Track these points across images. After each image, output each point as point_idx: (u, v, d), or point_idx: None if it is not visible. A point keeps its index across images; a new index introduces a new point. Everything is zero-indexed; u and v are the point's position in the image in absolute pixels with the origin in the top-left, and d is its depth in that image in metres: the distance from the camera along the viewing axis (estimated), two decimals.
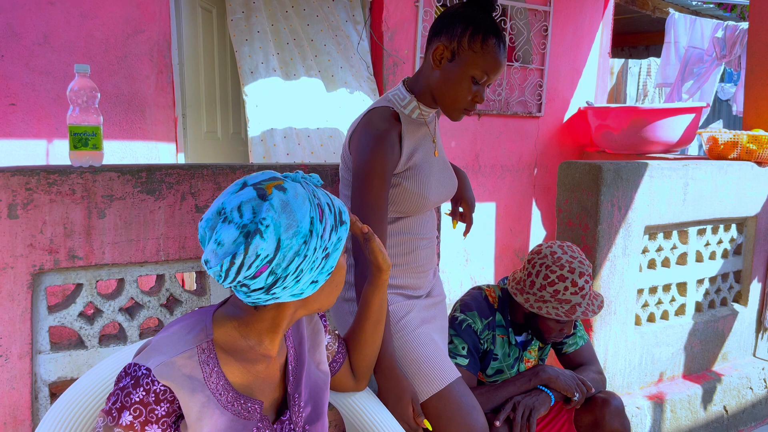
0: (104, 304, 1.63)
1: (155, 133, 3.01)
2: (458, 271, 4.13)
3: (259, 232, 0.87)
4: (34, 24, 2.66)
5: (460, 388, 1.55)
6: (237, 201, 0.90)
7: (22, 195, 1.46)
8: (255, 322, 1.01)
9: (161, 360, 0.92)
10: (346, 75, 3.44)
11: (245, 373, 1.01)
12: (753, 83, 3.40)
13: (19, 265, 1.48)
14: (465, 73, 1.47)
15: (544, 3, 4.22)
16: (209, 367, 0.96)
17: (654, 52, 7.63)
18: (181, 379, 0.92)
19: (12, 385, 1.50)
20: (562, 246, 1.77)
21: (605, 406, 1.78)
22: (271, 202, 0.89)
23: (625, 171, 2.42)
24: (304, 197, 0.93)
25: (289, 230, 0.89)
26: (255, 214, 0.88)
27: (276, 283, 0.91)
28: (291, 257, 0.90)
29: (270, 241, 0.88)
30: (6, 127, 2.66)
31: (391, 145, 1.50)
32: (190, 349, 0.95)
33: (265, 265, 0.89)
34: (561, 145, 4.55)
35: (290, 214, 0.90)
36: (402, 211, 1.58)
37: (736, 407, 2.92)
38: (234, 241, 0.88)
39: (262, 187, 0.91)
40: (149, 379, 0.90)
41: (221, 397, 0.97)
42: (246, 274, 0.89)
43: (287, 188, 0.92)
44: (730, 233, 2.98)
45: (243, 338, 1.01)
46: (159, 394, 0.90)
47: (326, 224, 0.94)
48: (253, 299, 0.94)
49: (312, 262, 0.93)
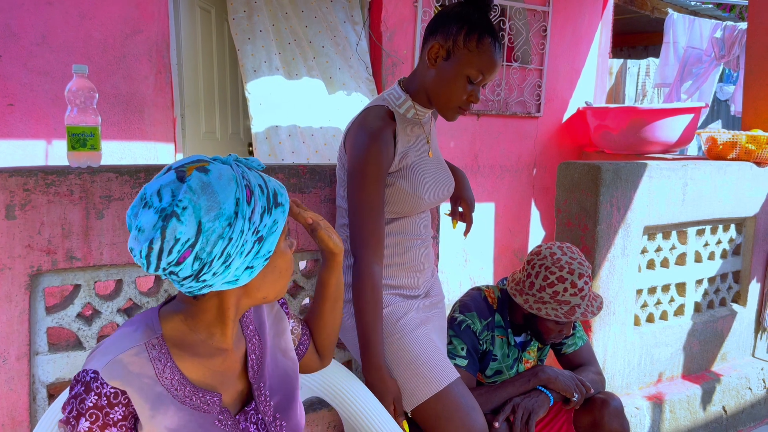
0: (102, 305, 1.63)
1: (154, 133, 3.01)
2: (457, 272, 4.13)
3: (176, 214, 0.84)
4: (32, 24, 2.66)
5: (458, 389, 1.55)
6: (157, 185, 0.87)
7: (20, 196, 1.46)
8: (199, 314, 0.98)
9: (106, 360, 0.90)
10: (344, 76, 3.43)
11: (201, 368, 0.98)
12: (751, 83, 3.40)
13: (17, 266, 1.47)
14: (460, 72, 1.46)
15: (543, 3, 4.22)
16: (161, 363, 0.93)
17: (653, 52, 7.63)
18: (130, 377, 0.90)
19: (10, 387, 1.50)
20: (562, 247, 1.77)
21: (604, 406, 1.78)
22: (189, 183, 0.86)
23: (624, 171, 2.42)
24: (230, 178, 0.88)
25: (210, 212, 0.85)
26: (174, 197, 0.85)
27: (203, 270, 0.87)
28: (215, 240, 0.86)
29: (189, 224, 0.84)
30: (4, 128, 2.65)
31: (386, 143, 1.50)
32: (137, 346, 0.92)
33: (188, 250, 0.85)
34: (560, 146, 4.55)
35: (211, 196, 0.86)
36: (397, 211, 1.58)
37: (735, 407, 2.92)
38: (153, 225, 0.85)
39: (183, 170, 0.88)
40: (98, 383, 0.88)
41: (177, 392, 0.94)
42: (169, 260, 0.85)
43: (210, 170, 0.88)
44: (729, 233, 2.98)
45: (192, 332, 0.98)
46: (111, 397, 0.88)
47: (255, 206, 0.90)
48: (187, 288, 0.91)
49: (241, 246, 0.89)
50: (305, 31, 3.37)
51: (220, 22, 3.56)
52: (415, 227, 1.64)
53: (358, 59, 3.52)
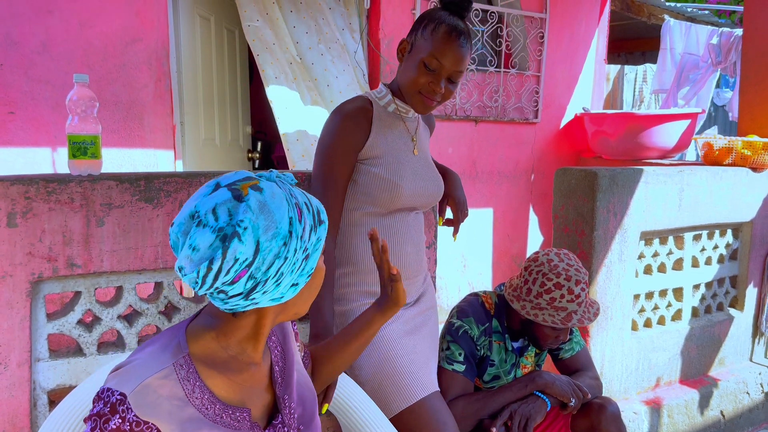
0: (103, 312, 1.64)
1: (153, 140, 3.02)
2: (456, 277, 4.14)
3: (237, 235, 0.83)
4: (32, 33, 2.68)
5: (433, 403, 1.54)
6: (211, 203, 0.85)
7: (21, 204, 1.47)
8: (234, 330, 0.96)
9: (135, 384, 0.87)
10: (341, 83, 3.45)
11: (231, 384, 0.97)
12: (747, 89, 3.43)
13: (18, 273, 1.49)
14: (418, 59, 1.52)
15: (540, 10, 4.25)
16: (190, 383, 0.91)
17: (650, 58, 7.66)
18: (159, 402, 0.88)
19: (11, 393, 1.51)
20: (559, 254, 1.78)
21: (601, 411, 1.79)
22: (248, 203, 0.85)
23: (621, 177, 2.43)
24: (282, 197, 0.89)
25: (267, 232, 0.85)
26: (231, 217, 0.84)
27: (255, 288, 0.87)
28: (271, 260, 0.86)
29: (249, 244, 0.84)
30: (5, 136, 2.67)
31: (358, 123, 1.56)
32: (166, 368, 0.90)
33: (244, 270, 0.85)
34: (558, 151, 4.57)
35: (269, 215, 0.86)
36: (376, 201, 1.58)
37: (733, 412, 2.93)
38: (210, 245, 0.83)
39: (237, 188, 0.87)
40: (125, 406, 0.86)
41: (208, 411, 0.93)
42: (224, 279, 0.85)
43: (263, 188, 0.88)
44: (726, 238, 2.99)
45: (223, 349, 0.97)
46: (134, 425, 0.86)
47: (305, 224, 0.90)
48: (231, 306, 0.90)
49: (292, 264, 0.89)
50: (304, 38, 3.39)
51: (219, 30, 3.58)
52: (406, 230, 1.64)
53: (356, 66, 3.54)
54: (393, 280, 1.23)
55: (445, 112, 3.91)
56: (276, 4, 3.27)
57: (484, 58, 4.08)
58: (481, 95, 4.07)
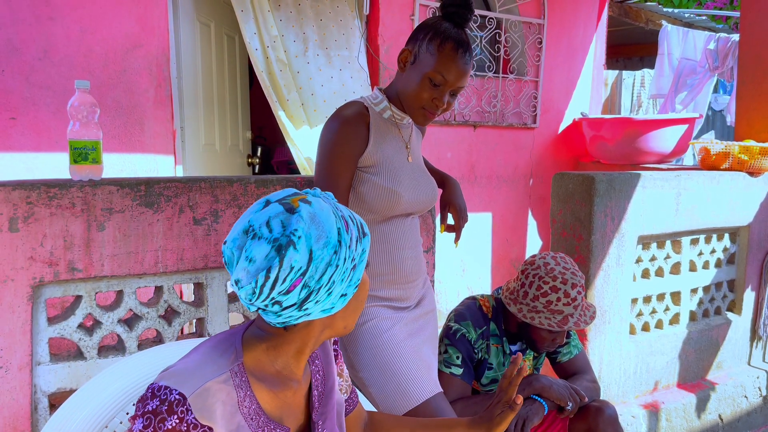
0: (103, 316, 1.65)
1: (154, 145, 3.04)
2: (455, 281, 4.15)
3: (293, 243, 0.87)
4: (34, 39, 2.70)
5: (437, 405, 1.55)
6: (265, 217, 0.89)
7: (22, 208, 1.49)
8: (284, 345, 0.98)
9: (196, 386, 0.89)
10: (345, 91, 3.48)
11: (274, 399, 0.99)
12: (744, 94, 3.45)
13: (20, 278, 1.50)
14: (422, 74, 1.53)
15: (539, 16, 4.28)
16: (242, 391, 0.94)
17: (648, 63, 7.69)
18: (216, 407, 0.90)
19: (12, 396, 1.52)
20: (556, 257, 1.80)
21: (599, 414, 1.80)
22: (300, 214, 0.89)
23: (618, 182, 2.45)
24: (329, 210, 0.93)
25: (319, 241, 0.89)
26: (285, 228, 0.88)
27: (309, 297, 0.90)
28: (323, 268, 0.89)
29: (303, 252, 0.87)
30: (6, 141, 2.68)
31: (357, 129, 1.57)
32: (224, 373, 0.92)
33: (299, 278, 0.88)
34: (556, 156, 4.59)
35: (319, 225, 0.89)
36: (375, 209, 1.59)
37: (731, 416, 2.94)
38: (266, 256, 0.87)
39: (288, 202, 0.91)
40: (184, 407, 0.86)
41: (253, 422, 0.94)
42: (280, 288, 0.87)
43: (312, 201, 0.92)
44: (723, 243, 3.01)
45: (271, 363, 0.99)
46: (191, 427, 0.87)
47: (352, 234, 0.94)
48: (284, 318, 0.92)
49: (342, 273, 0.92)
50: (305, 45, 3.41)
51: (219, 36, 3.60)
52: (403, 235, 1.66)
53: (359, 70, 3.56)
54: (510, 408, 1.17)
55: (444, 117, 3.93)
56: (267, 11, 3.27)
57: (483, 64, 4.10)
58: (480, 100, 4.10)
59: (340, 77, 3.50)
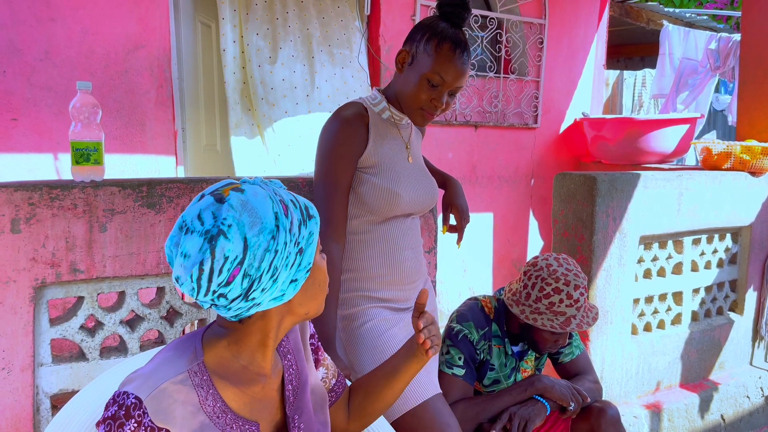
0: (105, 317, 1.65)
1: (155, 146, 3.04)
2: (456, 282, 4.15)
3: (222, 233, 0.85)
4: (35, 40, 2.70)
5: (435, 406, 1.54)
6: (196, 210, 0.89)
7: (24, 210, 1.49)
8: (244, 338, 0.97)
9: (152, 388, 0.88)
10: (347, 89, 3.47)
11: (241, 395, 0.98)
12: (746, 94, 3.44)
13: (22, 279, 1.50)
14: (420, 74, 1.52)
15: (540, 16, 4.28)
16: (204, 390, 0.93)
17: (649, 63, 7.69)
18: (174, 407, 0.89)
19: (14, 398, 1.52)
20: (558, 258, 1.80)
21: (601, 415, 1.80)
22: (230, 202, 0.88)
23: (620, 182, 2.45)
24: (264, 195, 0.91)
25: (253, 227, 0.87)
26: (216, 218, 0.87)
27: (252, 286, 0.88)
28: (261, 255, 0.88)
29: (236, 241, 0.86)
30: (8, 142, 2.68)
31: (356, 129, 1.56)
32: (181, 373, 0.91)
33: (237, 268, 0.86)
34: (557, 156, 4.59)
35: (252, 212, 0.88)
36: (374, 210, 1.59)
37: (734, 416, 2.93)
38: (199, 249, 0.86)
39: (219, 193, 0.90)
40: (140, 411, 0.86)
41: (219, 420, 0.94)
42: (219, 280, 0.86)
43: (245, 189, 0.91)
44: (725, 243, 3.00)
45: (235, 359, 0.98)
46: (149, 430, 0.86)
47: (292, 218, 0.92)
48: (235, 311, 0.91)
49: (285, 258, 0.91)
50: (304, 45, 3.41)
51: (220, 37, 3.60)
52: (403, 235, 1.65)
53: (358, 71, 3.57)
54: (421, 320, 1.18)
55: (445, 118, 3.93)
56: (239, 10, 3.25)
57: (484, 64, 4.10)
58: (481, 100, 4.09)
59: (342, 76, 3.50)
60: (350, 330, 1.62)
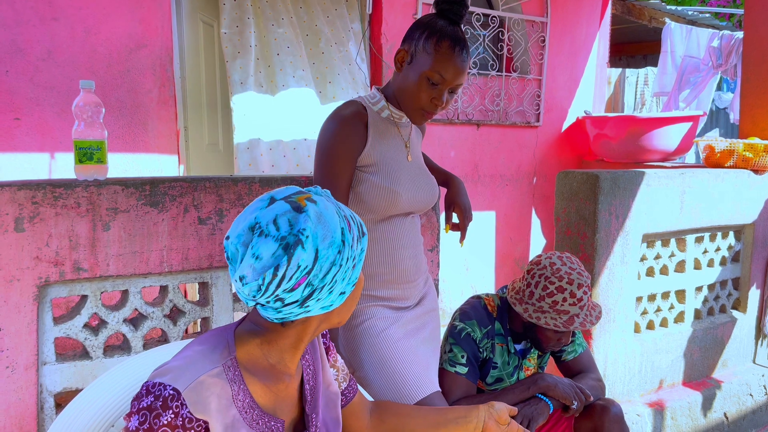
0: (109, 316, 1.65)
1: (158, 145, 3.05)
2: (459, 280, 4.15)
3: (301, 242, 0.87)
4: (38, 40, 2.71)
5: (432, 404, 1.53)
6: (272, 215, 0.90)
7: (28, 209, 1.49)
8: (278, 339, 0.99)
9: (190, 380, 0.89)
10: (339, 88, 3.47)
11: (268, 392, 1.00)
12: (748, 92, 3.44)
13: (26, 278, 1.50)
14: (420, 73, 1.51)
15: (542, 14, 4.27)
16: (236, 385, 0.95)
17: (651, 61, 7.68)
18: (211, 400, 0.90)
19: (18, 396, 1.52)
20: (561, 257, 1.79)
21: (604, 413, 1.80)
22: (308, 213, 0.90)
23: (622, 180, 2.45)
24: (333, 209, 0.93)
25: (325, 240, 0.90)
26: (292, 226, 0.88)
27: (312, 295, 0.91)
28: (328, 267, 0.90)
29: (310, 251, 0.88)
30: (11, 141, 2.69)
31: (355, 128, 1.56)
32: (217, 367, 0.93)
33: (304, 277, 0.88)
34: (559, 155, 4.58)
35: (325, 225, 0.90)
36: (373, 209, 1.58)
37: (737, 414, 2.93)
38: (273, 254, 0.87)
39: (294, 200, 0.92)
40: (178, 402, 0.87)
41: (247, 415, 0.95)
42: (285, 286, 0.88)
43: (317, 201, 0.93)
44: (728, 241, 3.00)
45: (265, 357, 0.99)
46: (186, 422, 0.87)
47: (354, 234, 0.95)
48: (284, 314, 0.93)
49: (344, 273, 0.93)
50: (303, 41, 3.41)
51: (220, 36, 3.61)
52: (402, 234, 1.64)
53: (358, 70, 3.57)
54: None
55: (447, 116, 3.93)
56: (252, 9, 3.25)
57: (486, 62, 4.10)
58: (483, 99, 4.09)
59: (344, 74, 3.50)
60: (349, 329, 1.62)
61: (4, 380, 1.50)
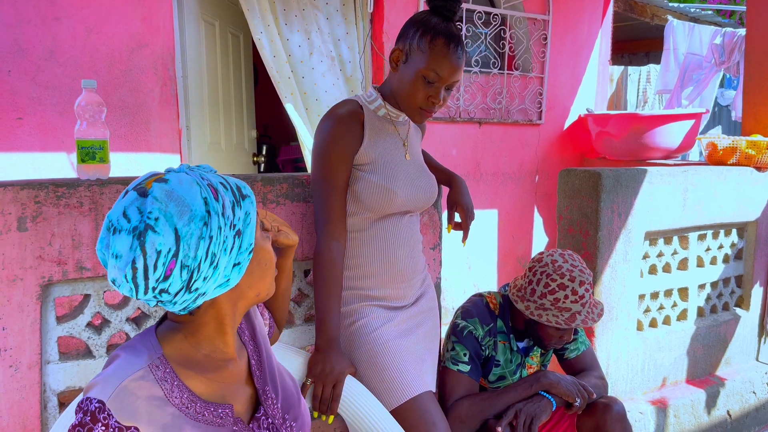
0: (111, 315, 1.66)
1: (160, 144, 3.05)
2: (461, 278, 4.15)
3: (150, 227, 0.82)
4: (40, 39, 2.71)
5: (422, 404, 1.53)
6: (120, 208, 0.85)
7: (31, 208, 1.49)
8: (199, 329, 0.96)
9: (111, 388, 0.86)
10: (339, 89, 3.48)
11: (210, 383, 0.97)
12: (751, 89, 3.43)
13: (29, 277, 1.51)
14: (415, 72, 1.51)
15: (543, 12, 4.26)
16: (168, 383, 0.91)
17: (653, 58, 7.67)
18: (138, 404, 0.87)
19: (21, 395, 1.53)
20: (563, 254, 1.79)
21: (607, 411, 1.80)
22: (154, 194, 0.85)
23: (625, 177, 2.44)
24: (191, 182, 0.88)
25: (182, 216, 0.84)
26: (141, 213, 0.84)
27: (193, 277, 0.86)
28: (196, 243, 0.85)
29: (166, 233, 0.83)
30: (13, 141, 2.70)
31: (351, 126, 1.56)
32: (141, 369, 0.89)
33: (172, 261, 0.84)
34: (562, 153, 4.58)
35: (179, 201, 0.85)
36: (370, 207, 1.58)
37: (740, 412, 2.93)
38: (129, 247, 0.83)
39: (142, 186, 0.87)
40: (105, 413, 0.84)
41: (189, 410, 0.92)
42: (156, 276, 0.84)
43: (169, 179, 0.88)
44: (731, 238, 2.99)
45: (195, 349, 0.97)
46: (117, 430, 0.85)
47: (224, 201, 0.89)
48: (181, 304, 0.89)
49: (223, 243, 0.88)
50: (304, 41, 3.41)
51: (224, 35, 3.61)
52: (398, 233, 1.64)
53: (360, 69, 3.56)
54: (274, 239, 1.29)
55: (449, 114, 3.93)
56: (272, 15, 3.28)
57: (488, 60, 4.09)
58: (485, 97, 4.09)
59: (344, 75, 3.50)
60: (344, 328, 1.62)
61: (8, 379, 1.51)
